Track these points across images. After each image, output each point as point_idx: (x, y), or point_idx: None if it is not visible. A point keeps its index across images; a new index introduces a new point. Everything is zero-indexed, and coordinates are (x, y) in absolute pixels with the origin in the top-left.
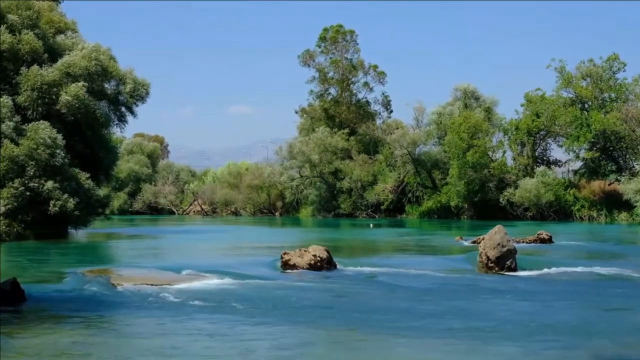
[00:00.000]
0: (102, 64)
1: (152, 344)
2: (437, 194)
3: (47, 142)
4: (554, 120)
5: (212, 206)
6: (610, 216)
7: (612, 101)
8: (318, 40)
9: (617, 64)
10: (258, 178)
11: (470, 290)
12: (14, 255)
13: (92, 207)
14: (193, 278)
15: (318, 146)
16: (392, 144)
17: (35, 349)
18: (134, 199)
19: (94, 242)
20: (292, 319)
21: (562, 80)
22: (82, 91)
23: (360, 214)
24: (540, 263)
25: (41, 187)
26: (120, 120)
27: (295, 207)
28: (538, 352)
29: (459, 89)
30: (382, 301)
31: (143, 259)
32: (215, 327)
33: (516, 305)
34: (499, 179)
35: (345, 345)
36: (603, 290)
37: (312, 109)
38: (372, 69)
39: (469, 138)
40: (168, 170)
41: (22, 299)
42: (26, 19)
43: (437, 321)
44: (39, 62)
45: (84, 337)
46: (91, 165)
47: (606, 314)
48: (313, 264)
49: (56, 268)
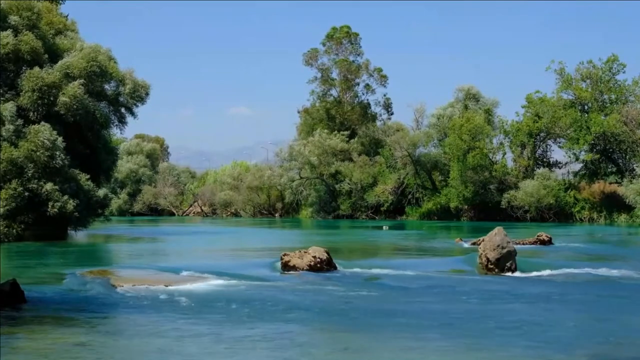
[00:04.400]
0: (101, 65)
1: (152, 345)
2: (437, 195)
3: (46, 145)
4: (555, 122)
5: (212, 207)
6: (610, 218)
7: (612, 103)
8: (325, 38)
9: (616, 66)
10: (258, 179)
11: (470, 292)
12: (14, 256)
13: (91, 208)
14: (193, 279)
15: (317, 148)
16: (392, 146)
17: (35, 349)
18: (133, 200)
19: (93, 243)
20: (291, 320)
21: (562, 82)
22: (80, 91)
23: (360, 215)
24: (540, 265)
25: (40, 189)
26: (120, 122)
27: (295, 209)
28: (538, 353)
29: (460, 90)
30: (382, 302)
31: (143, 260)
32: (215, 328)
33: (516, 307)
34: (499, 180)
35: (345, 347)
36: (603, 291)
37: (313, 109)
38: (376, 71)
39: (470, 140)
40: (168, 171)
41: (21, 300)
42: (26, 20)
43: (437, 322)
44: (39, 63)
45: (83, 338)
46: (91, 166)
47: (606, 316)
48: (313, 265)
49: (56, 269)
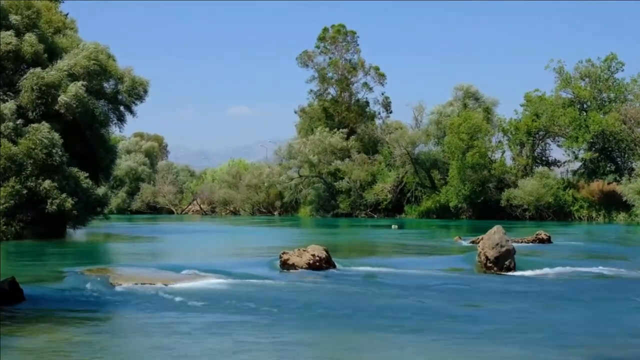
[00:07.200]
0: (101, 64)
1: (151, 343)
2: (436, 194)
3: (45, 143)
4: (553, 121)
5: (211, 206)
6: (608, 216)
7: (611, 101)
8: (317, 40)
9: (615, 64)
10: (257, 178)
11: (468, 290)
12: (13, 255)
13: (90, 206)
14: (192, 277)
15: (317, 146)
16: (391, 144)
17: (35, 348)
18: (132, 198)
19: (92, 242)
20: (290, 318)
21: (561, 81)
22: (81, 91)
23: (359, 213)
24: (538, 263)
25: (39, 186)
26: (119, 120)
27: (294, 207)
28: (537, 352)
29: (459, 88)
30: (381, 301)
31: (142, 258)
32: (214, 326)
33: (515, 305)
34: (498, 179)
35: (343, 345)
36: (602, 290)
37: (311, 108)
38: (372, 70)
39: (469, 138)
40: (167, 169)
41: (20, 299)
42: (26, 19)
43: (436, 321)
44: (40, 62)
45: (83, 337)
46: (90, 164)
47: (605, 314)
48: (312, 263)
49: (55, 267)
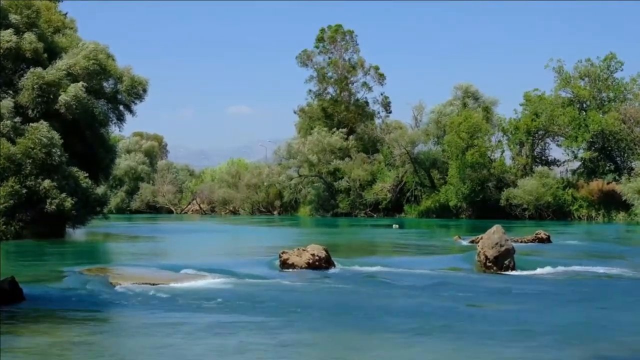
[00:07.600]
0: (101, 63)
1: (151, 343)
2: (435, 193)
3: (44, 142)
4: (553, 120)
5: (211, 205)
6: (608, 216)
7: (610, 101)
8: (315, 41)
9: (614, 64)
10: (257, 177)
11: (468, 290)
12: (12, 254)
13: (90, 206)
14: (191, 277)
15: (316, 146)
16: (391, 143)
17: (34, 348)
18: (132, 197)
19: (92, 241)
20: (290, 318)
21: (561, 80)
22: (81, 91)
23: (359, 213)
24: (538, 263)
25: (38, 186)
26: (119, 119)
27: (294, 206)
28: (536, 352)
29: (459, 88)
30: (380, 300)
31: (141, 257)
32: (214, 326)
33: (514, 305)
34: (498, 178)
35: (343, 344)
36: (601, 289)
37: (310, 108)
38: (372, 69)
39: (469, 138)
40: (167, 169)
41: (20, 298)
42: (25, 18)
43: (435, 321)
44: (39, 61)
45: (82, 336)
46: (89, 164)
47: (605, 314)
48: (311, 263)
49: (54, 267)
